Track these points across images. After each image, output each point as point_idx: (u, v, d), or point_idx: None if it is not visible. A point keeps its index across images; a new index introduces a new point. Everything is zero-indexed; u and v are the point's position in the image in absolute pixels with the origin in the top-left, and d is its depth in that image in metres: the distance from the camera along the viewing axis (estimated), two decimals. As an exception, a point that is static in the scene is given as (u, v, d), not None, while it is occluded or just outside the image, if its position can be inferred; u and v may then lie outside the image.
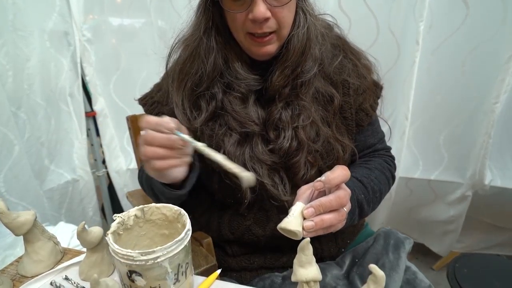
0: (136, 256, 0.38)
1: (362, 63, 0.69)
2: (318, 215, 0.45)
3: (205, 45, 0.59)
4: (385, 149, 0.76)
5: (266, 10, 0.52)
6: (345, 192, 0.47)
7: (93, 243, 0.50)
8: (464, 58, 1.12)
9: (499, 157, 1.23)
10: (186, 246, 0.42)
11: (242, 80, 0.59)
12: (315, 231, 0.45)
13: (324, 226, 0.45)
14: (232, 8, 0.54)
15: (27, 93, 1.19)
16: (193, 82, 0.61)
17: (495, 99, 1.10)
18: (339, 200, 0.46)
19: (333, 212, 0.46)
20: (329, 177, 0.45)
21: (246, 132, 0.60)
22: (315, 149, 0.61)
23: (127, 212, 0.47)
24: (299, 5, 0.57)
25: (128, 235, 0.47)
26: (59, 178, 1.37)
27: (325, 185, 0.45)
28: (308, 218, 0.45)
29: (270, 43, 0.57)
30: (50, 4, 1.21)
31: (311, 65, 0.60)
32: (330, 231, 0.48)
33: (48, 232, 0.56)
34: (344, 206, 0.47)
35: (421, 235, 1.46)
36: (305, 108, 0.60)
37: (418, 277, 0.63)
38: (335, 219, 0.46)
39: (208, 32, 0.59)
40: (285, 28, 0.56)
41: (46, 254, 0.54)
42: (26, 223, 0.51)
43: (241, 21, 0.54)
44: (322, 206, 0.45)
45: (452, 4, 1.06)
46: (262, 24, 0.53)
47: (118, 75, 1.40)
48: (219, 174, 0.62)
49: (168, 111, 0.66)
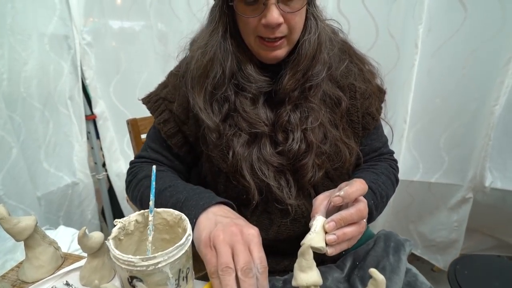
0: (137, 262, 0.38)
1: (366, 68, 0.69)
2: (339, 228, 0.46)
3: (223, 49, 0.59)
4: (389, 153, 0.77)
5: (279, 15, 0.52)
6: (364, 204, 0.48)
7: (94, 249, 0.50)
8: (464, 61, 1.12)
9: (499, 159, 1.23)
10: (187, 251, 0.42)
11: (254, 83, 0.60)
12: (338, 244, 0.46)
13: (346, 239, 0.46)
14: (246, 13, 0.55)
15: (23, 96, 1.19)
16: (212, 86, 0.61)
17: (495, 101, 1.11)
18: (360, 213, 0.47)
19: (354, 224, 0.47)
20: (348, 192, 0.46)
21: (255, 133, 0.60)
22: (323, 151, 0.61)
23: (127, 217, 0.47)
24: (310, 10, 0.58)
25: (129, 240, 0.47)
26: (59, 181, 1.37)
27: (343, 200, 0.46)
28: (329, 232, 0.45)
29: (280, 47, 0.57)
30: (51, 8, 1.22)
31: (320, 69, 0.60)
32: (352, 244, 0.49)
33: (48, 237, 0.56)
34: (364, 218, 0.48)
35: (425, 250, 1.45)
36: (314, 110, 0.61)
37: (419, 279, 0.62)
38: (357, 231, 0.47)
39: (225, 36, 0.59)
40: (296, 33, 0.57)
41: (47, 260, 0.54)
42: (27, 228, 0.51)
43: (254, 25, 0.55)
44: (343, 220, 0.46)
45: (451, 7, 1.07)
46: (274, 29, 0.54)
47: (118, 78, 1.41)
48: (226, 174, 0.62)
49: (177, 108, 0.66)
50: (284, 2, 0.53)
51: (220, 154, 0.62)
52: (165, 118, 0.68)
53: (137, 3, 1.29)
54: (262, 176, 0.59)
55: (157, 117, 0.69)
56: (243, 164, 0.59)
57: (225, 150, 0.61)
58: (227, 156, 0.61)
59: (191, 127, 0.66)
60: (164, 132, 0.68)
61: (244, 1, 0.53)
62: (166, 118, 0.68)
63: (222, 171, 0.63)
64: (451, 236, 1.34)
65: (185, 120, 0.67)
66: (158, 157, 0.71)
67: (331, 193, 0.50)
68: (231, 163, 0.60)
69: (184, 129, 0.68)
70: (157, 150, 0.71)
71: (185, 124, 0.67)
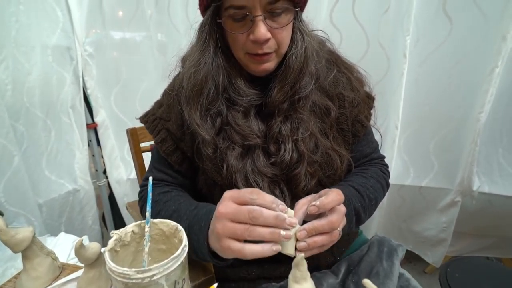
0: (132, 275, 0.38)
1: (354, 76, 0.70)
2: (310, 236, 0.48)
3: (215, 64, 0.60)
4: (380, 158, 0.78)
5: (267, 31, 0.54)
6: (338, 216, 0.50)
7: (91, 259, 0.50)
8: (450, 70, 1.16)
9: (486, 164, 1.27)
10: (182, 262, 0.42)
11: (244, 96, 0.61)
12: (309, 251, 0.48)
13: (317, 246, 0.48)
14: (234, 29, 0.56)
15: (27, 106, 1.22)
16: (208, 101, 0.62)
17: (480, 108, 1.14)
18: (331, 224, 0.49)
19: (325, 234, 0.49)
20: (323, 202, 0.48)
21: (248, 145, 0.61)
22: (315, 160, 0.63)
23: (124, 228, 0.47)
24: (296, 25, 0.59)
25: (125, 251, 0.47)
26: (61, 188, 1.39)
27: (319, 209, 0.48)
28: (301, 240, 0.47)
29: (268, 60, 0.59)
30: (54, 21, 1.25)
31: (308, 81, 0.62)
32: (323, 250, 0.51)
33: (46, 248, 0.56)
34: (336, 229, 0.50)
35: (416, 245, 1.49)
36: (304, 121, 0.62)
37: (412, 284, 0.64)
38: (327, 240, 0.49)
39: (216, 52, 0.60)
40: (284, 47, 0.59)
41: (44, 271, 0.54)
42: (25, 240, 0.51)
43: (242, 41, 0.56)
44: (315, 230, 0.48)
45: (437, 19, 1.11)
46: (262, 44, 0.55)
47: (119, 88, 1.44)
48: (221, 187, 0.63)
49: (173, 126, 0.68)
50: (271, 18, 0.54)
51: (215, 168, 0.63)
52: (163, 137, 0.69)
53: (137, 15, 1.32)
54: (256, 187, 0.59)
55: (155, 136, 0.70)
56: (237, 176, 0.60)
57: (220, 163, 0.62)
58: (221, 169, 0.61)
59: (188, 143, 0.67)
60: (163, 151, 0.69)
61: (232, 18, 0.55)
62: (163, 137, 0.69)
63: (217, 183, 0.63)
64: (440, 236, 1.38)
65: (182, 137, 0.68)
66: (163, 176, 0.72)
67: (313, 198, 0.52)
68: (225, 176, 0.61)
69: (182, 146, 0.68)
70: (161, 169, 0.72)
71: (182, 141, 0.68)
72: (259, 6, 0.52)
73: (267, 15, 0.54)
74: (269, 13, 0.54)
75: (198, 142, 0.64)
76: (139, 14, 1.32)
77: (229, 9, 0.54)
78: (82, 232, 1.47)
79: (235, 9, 0.53)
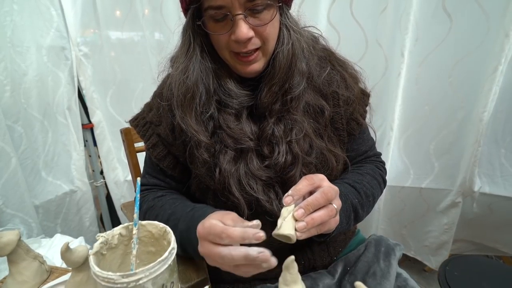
0: (117, 279, 0.37)
1: (349, 73, 0.69)
2: (308, 214, 0.46)
3: (204, 67, 0.59)
4: (376, 155, 0.77)
5: (249, 30, 0.52)
6: (329, 187, 0.49)
7: (78, 263, 0.49)
8: (451, 69, 1.14)
9: (488, 165, 1.25)
10: (170, 265, 0.41)
11: (235, 98, 0.60)
12: (308, 230, 0.46)
13: (316, 224, 0.47)
14: (215, 30, 0.55)
15: (24, 107, 1.22)
16: (201, 106, 0.60)
17: (483, 108, 1.13)
18: (325, 195, 0.48)
19: (322, 209, 0.48)
20: (296, 188, 0.48)
21: (241, 148, 0.60)
22: (310, 162, 0.61)
23: (111, 231, 0.46)
24: (283, 21, 0.58)
25: (112, 254, 0.46)
26: (57, 189, 1.39)
27: (293, 197, 0.47)
28: (299, 219, 0.46)
29: (255, 61, 0.57)
30: (48, 21, 1.24)
31: (299, 80, 0.60)
32: (325, 230, 0.50)
33: (33, 251, 0.55)
34: (332, 200, 0.49)
35: (418, 251, 1.48)
36: (297, 122, 0.60)
37: (409, 284, 0.63)
38: (325, 215, 0.47)
39: (202, 55, 0.59)
40: (270, 43, 0.57)
41: (31, 275, 0.53)
42: (9, 243, 0.50)
43: (225, 41, 0.55)
44: (310, 205, 0.47)
45: (436, 18, 1.09)
46: (246, 43, 0.54)
47: (115, 89, 1.43)
48: (214, 191, 0.62)
49: (164, 131, 0.66)
50: (253, 15, 0.53)
51: (207, 172, 0.61)
52: (153, 142, 0.68)
53: (131, 15, 1.31)
54: (250, 191, 0.58)
55: (146, 141, 0.69)
56: (230, 180, 0.59)
57: (212, 167, 0.61)
58: (214, 173, 0.60)
59: (179, 147, 0.66)
60: (154, 156, 0.68)
61: (213, 19, 0.53)
62: (154, 142, 0.68)
63: (210, 188, 0.62)
64: (442, 238, 1.36)
65: (173, 142, 0.66)
66: (156, 181, 0.71)
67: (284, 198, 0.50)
68: (218, 180, 0.60)
69: (173, 150, 0.67)
70: (154, 174, 0.71)
71: (173, 145, 0.67)
72: (238, 5, 0.51)
73: (248, 13, 0.52)
74: (250, 11, 0.52)
75: (190, 147, 0.63)
76: (133, 14, 1.31)
77: (209, 10, 0.53)
78: (79, 234, 1.46)
79: (214, 9, 0.52)
